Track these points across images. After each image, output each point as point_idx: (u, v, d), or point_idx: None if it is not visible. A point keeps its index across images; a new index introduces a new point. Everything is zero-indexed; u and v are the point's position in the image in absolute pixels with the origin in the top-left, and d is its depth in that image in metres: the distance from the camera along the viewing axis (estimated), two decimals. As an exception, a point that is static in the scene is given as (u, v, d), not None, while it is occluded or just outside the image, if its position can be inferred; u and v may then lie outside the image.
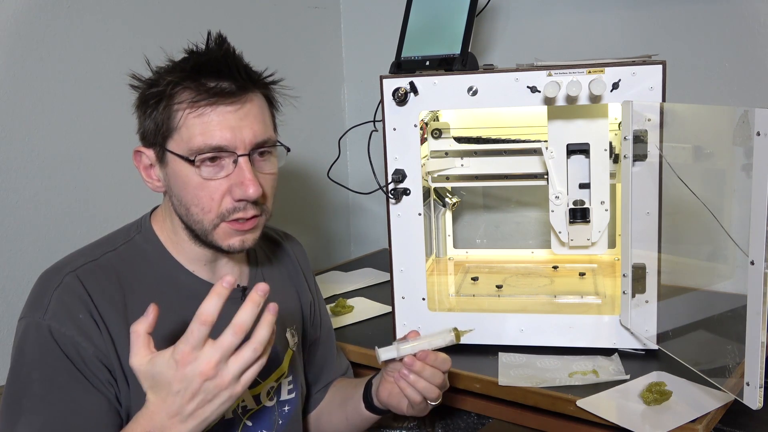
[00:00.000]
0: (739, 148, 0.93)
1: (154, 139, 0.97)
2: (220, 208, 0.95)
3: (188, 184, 0.95)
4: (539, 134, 1.41)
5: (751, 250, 0.87)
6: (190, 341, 0.79)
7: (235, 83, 0.94)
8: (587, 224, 1.38)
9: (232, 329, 0.80)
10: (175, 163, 0.95)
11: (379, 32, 2.03)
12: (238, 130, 0.94)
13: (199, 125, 0.93)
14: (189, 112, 0.93)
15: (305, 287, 1.22)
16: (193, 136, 0.93)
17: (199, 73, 0.94)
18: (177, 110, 0.94)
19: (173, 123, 0.94)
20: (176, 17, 1.60)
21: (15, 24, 1.31)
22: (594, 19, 1.72)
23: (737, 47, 1.55)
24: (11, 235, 1.33)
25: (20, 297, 1.33)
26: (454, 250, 1.72)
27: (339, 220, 2.18)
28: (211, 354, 0.79)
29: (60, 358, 0.90)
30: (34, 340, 0.91)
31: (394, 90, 1.25)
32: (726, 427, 1.13)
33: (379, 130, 1.29)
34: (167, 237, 1.02)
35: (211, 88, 0.93)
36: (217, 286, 0.80)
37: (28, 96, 1.34)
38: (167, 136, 0.95)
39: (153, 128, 0.96)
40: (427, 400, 1.04)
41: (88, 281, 0.94)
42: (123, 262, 0.99)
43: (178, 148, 0.94)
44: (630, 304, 1.20)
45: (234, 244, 0.98)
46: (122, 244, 1.01)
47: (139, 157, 1.00)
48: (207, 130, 0.93)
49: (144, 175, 1.00)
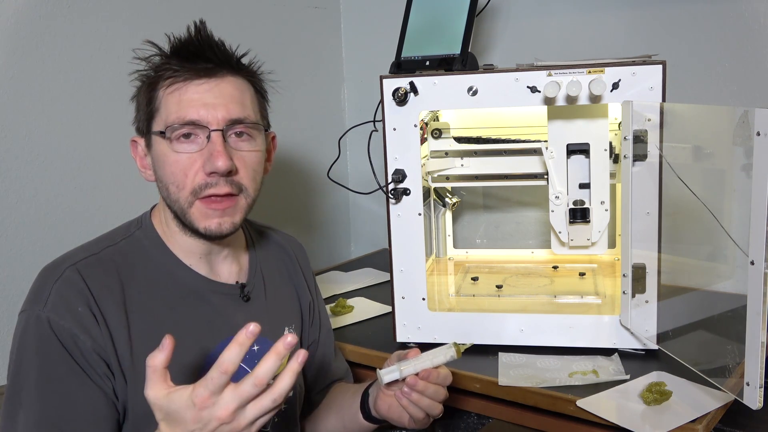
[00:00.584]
0: (739, 148, 0.93)
1: (142, 126, 1.01)
2: (194, 183, 0.96)
3: (165, 162, 0.97)
4: (539, 134, 1.41)
5: (751, 250, 0.87)
6: (210, 387, 0.77)
7: (209, 62, 0.98)
8: (587, 224, 1.38)
9: (253, 380, 0.77)
10: (156, 144, 0.99)
11: (379, 32, 2.03)
12: (211, 107, 0.96)
13: (174, 102, 0.96)
14: (166, 91, 0.97)
15: (305, 287, 1.22)
16: (170, 113, 0.96)
17: (177, 56, 0.98)
18: (157, 90, 0.98)
19: (154, 104, 0.98)
20: (176, 17, 1.60)
21: (15, 24, 1.31)
22: (594, 19, 1.72)
23: (737, 47, 1.55)
24: (11, 235, 1.33)
25: (20, 296, 1.32)
26: (454, 250, 1.71)
27: (339, 220, 2.18)
28: (229, 401, 0.77)
29: (58, 351, 0.90)
30: (33, 332, 0.91)
31: (394, 90, 1.25)
32: (726, 427, 1.13)
33: (379, 130, 1.29)
34: (163, 231, 1.04)
35: (187, 66, 0.97)
36: (239, 335, 0.77)
37: (28, 96, 1.34)
38: (150, 118, 0.99)
39: (141, 115, 1.01)
40: (430, 416, 1.04)
41: (88, 275, 0.95)
42: (123, 256, 1.00)
43: (157, 127, 0.98)
44: (630, 304, 1.20)
45: (210, 227, 0.98)
46: (122, 239, 1.02)
47: (134, 147, 1.04)
48: (181, 106, 0.96)
49: (139, 164, 1.04)
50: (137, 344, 0.95)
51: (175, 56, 0.98)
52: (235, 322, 1.05)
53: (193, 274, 1.03)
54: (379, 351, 1.34)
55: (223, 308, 1.05)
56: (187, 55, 0.97)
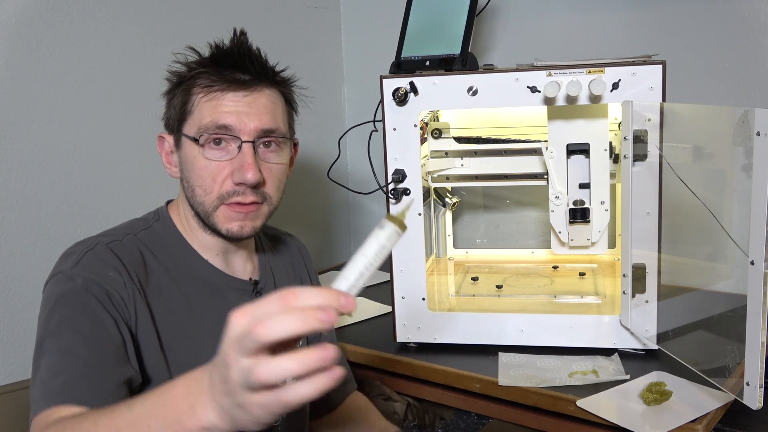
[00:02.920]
0: (739, 148, 0.93)
1: (173, 125, 1.03)
2: (221, 189, 1.00)
3: (195, 166, 1.00)
4: (539, 134, 1.41)
5: (751, 250, 0.87)
6: None
7: (247, 74, 1.00)
8: (587, 224, 1.38)
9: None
10: (186, 145, 1.01)
11: (379, 32, 2.03)
12: (245, 116, 0.99)
13: (209, 107, 0.99)
14: (202, 96, 1.00)
15: (309, 284, 1.23)
16: (203, 118, 0.99)
17: (217, 63, 1.00)
18: (192, 95, 1.00)
19: (188, 107, 1.01)
20: (176, 17, 1.60)
21: (15, 24, 1.31)
22: (594, 19, 1.72)
23: (737, 47, 1.55)
24: (11, 235, 1.33)
25: (20, 297, 1.33)
26: (454, 250, 1.71)
27: (339, 220, 2.18)
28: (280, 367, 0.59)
29: (84, 298, 0.91)
30: (61, 287, 0.92)
31: (394, 90, 1.25)
32: (726, 427, 1.13)
33: (379, 130, 1.29)
34: (182, 225, 1.07)
35: (225, 76, 0.99)
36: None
37: (28, 96, 1.34)
38: (183, 120, 1.01)
39: (172, 114, 1.03)
40: None
41: (118, 251, 0.97)
42: (143, 244, 1.02)
43: (189, 130, 1.00)
44: (630, 304, 1.20)
45: (232, 229, 1.02)
46: (141, 230, 1.04)
47: (161, 142, 1.06)
48: (216, 114, 0.98)
49: (165, 160, 1.06)
50: (159, 320, 0.97)
51: (215, 64, 1.00)
52: None
53: (210, 268, 1.06)
54: (379, 351, 1.34)
55: (236, 302, 1.04)
56: (226, 65, 1.00)
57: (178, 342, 0.99)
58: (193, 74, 1.00)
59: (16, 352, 1.32)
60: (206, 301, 1.04)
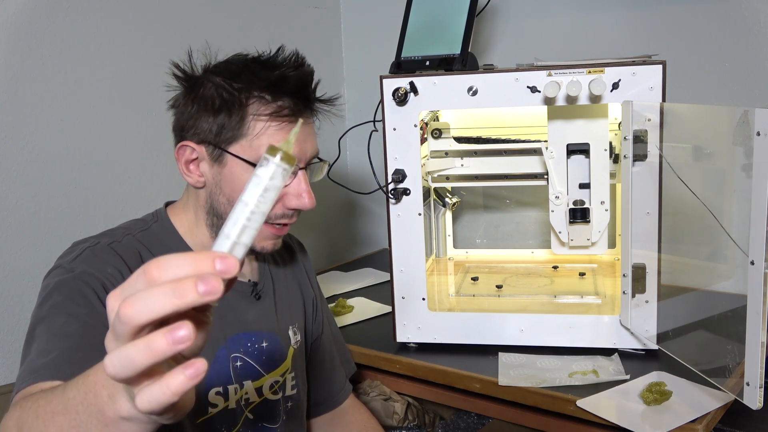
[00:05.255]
0: (739, 148, 0.93)
1: (212, 139, 0.99)
2: (271, 212, 0.98)
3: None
4: (539, 134, 1.41)
5: (751, 250, 0.87)
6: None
7: (310, 103, 1.02)
8: (587, 224, 1.38)
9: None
10: (236, 165, 0.99)
11: (379, 32, 2.03)
12: (303, 144, 1.01)
13: (275, 137, 0.98)
14: (269, 125, 0.98)
15: (308, 283, 1.24)
16: (267, 145, 0.96)
17: (279, 88, 0.99)
18: (253, 119, 0.98)
19: (245, 130, 0.98)
20: (176, 17, 1.60)
21: (15, 24, 1.31)
22: (594, 19, 1.72)
23: (737, 47, 1.55)
24: (11, 235, 1.33)
25: (20, 297, 1.33)
26: (454, 250, 1.71)
27: (339, 220, 2.18)
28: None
29: (82, 288, 0.89)
30: (58, 277, 0.91)
31: (394, 90, 1.25)
32: (726, 427, 1.13)
33: (379, 130, 1.29)
34: (187, 229, 1.05)
35: (291, 106, 0.99)
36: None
37: (28, 96, 1.34)
38: (233, 140, 0.98)
39: (215, 129, 0.98)
40: None
41: (119, 249, 0.97)
42: (142, 245, 1.01)
43: (245, 153, 0.98)
44: (630, 304, 1.20)
45: (267, 246, 1.04)
46: (140, 231, 1.03)
47: (183, 150, 1.01)
48: None
49: (183, 168, 1.02)
50: None
51: (277, 87, 0.98)
52: (246, 319, 1.08)
53: None
54: (379, 351, 1.34)
55: (236, 304, 1.07)
56: (290, 91, 0.99)
57: None
58: (252, 96, 0.98)
59: (16, 352, 1.32)
60: None
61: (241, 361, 1.05)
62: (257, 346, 1.07)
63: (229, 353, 1.04)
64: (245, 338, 1.06)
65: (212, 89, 0.99)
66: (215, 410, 1.02)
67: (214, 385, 1.02)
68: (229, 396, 1.03)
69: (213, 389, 1.02)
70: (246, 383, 1.05)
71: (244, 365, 1.05)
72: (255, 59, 1.02)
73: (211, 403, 1.01)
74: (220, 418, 1.02)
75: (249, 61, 1.02)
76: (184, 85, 1.02)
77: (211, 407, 1.01)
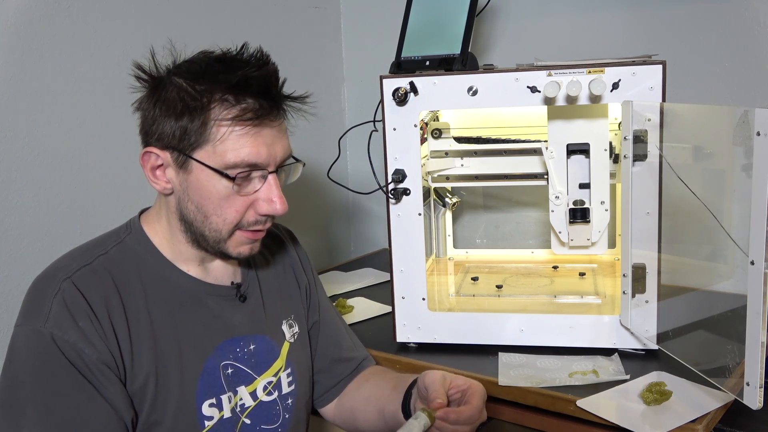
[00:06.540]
0: (739, 148, 0.93)
1: (175, 144, 0.94)
2: (243, 219, 0.98)
3: (213, 195, 0.95)
4: (539, 134, 1.41)
5: (751, 250, 0.87)
6: None
7: (276, 104, 0.96)
8: (587, 224, 1.38)
9: None
10: (200, 172, 0.95)
11: (379, 32, 2.03)
12: (272, 148, 0.96)
13: (239, 142, 0.93)
14: (232, 130, 0.93)
15: (300, 269, 1.21)
16: (231, 151, 0.93)
17: (241, 90, 0.93)
18: (215, 124, 0.93)
19: (207, 135, 0.93)
20: (176, 17, 1.60)
21: (15, 24, 1.31)
22: (594, 19, 1.72)
23: (737, 47, 1.55)
24: (11, 235, 1.33)
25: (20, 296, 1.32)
26: (454, 250, 1.71)
27: (339, 220, 2.18)
28: None
29: (64, 365, 0.89)
30: (35, 348, 0.90)
31: (394, 90, 1.25)
32: (726, 427, 1.13)
33: (379, 130, 1.29)
34: (161, 238, 1.02)
35: (256, 108, 0.93)
36: None
37: (28, 96, 1.34)
38: (196, 145, 0.94)
39: (178, 134, 0.94)
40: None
41: (85, 287, 0.93)
42: (116, 264, 0.98)
43: (209, 159, 0.94)
44: (630, 304, 1.20)
45: (243, 252, 1.02)
46: (113, 246, 1.00)
47: (148, 157, 0.97)
48: (251, 148, 0.94)
49: (150, 175, 0.98)
50: (137, 350, 0.95)
51: (240, 89, 0.93)
52: (233, 324, 1.05)
53: (188, 278, 1.03)
54: (379, 351, 1.34)
55: (220, 310, 1.05)
56: (253, 92, 0.93)
57: (163, 359, 0.97)
58: (213, 99, 0.92)
59: (16, 352, 1.32)
60: (188, 314, 1.01)
61: (232, 368, 1.03)
62: (246, 350, 1.05)
63: (219, 362, 1.02)
64: (233, 344, 1.04)
65: (174, 92, 0.94)
66: (211, 423, 1.00)
67: (207, 398, 1.00)
68: (223, 405, 1.01)
69: (206, 401, 1.00)
70: (240, 389, 1.04)
71: (236, 371, 1.04)
72: (219, 58, 0.96)
73: (206, 417, 0.99)
74: (216, 430, 1.01)
75: (212, 61, 0.96)
76: (147, 86, 0.97)
77: (207, 420, 0.99)
